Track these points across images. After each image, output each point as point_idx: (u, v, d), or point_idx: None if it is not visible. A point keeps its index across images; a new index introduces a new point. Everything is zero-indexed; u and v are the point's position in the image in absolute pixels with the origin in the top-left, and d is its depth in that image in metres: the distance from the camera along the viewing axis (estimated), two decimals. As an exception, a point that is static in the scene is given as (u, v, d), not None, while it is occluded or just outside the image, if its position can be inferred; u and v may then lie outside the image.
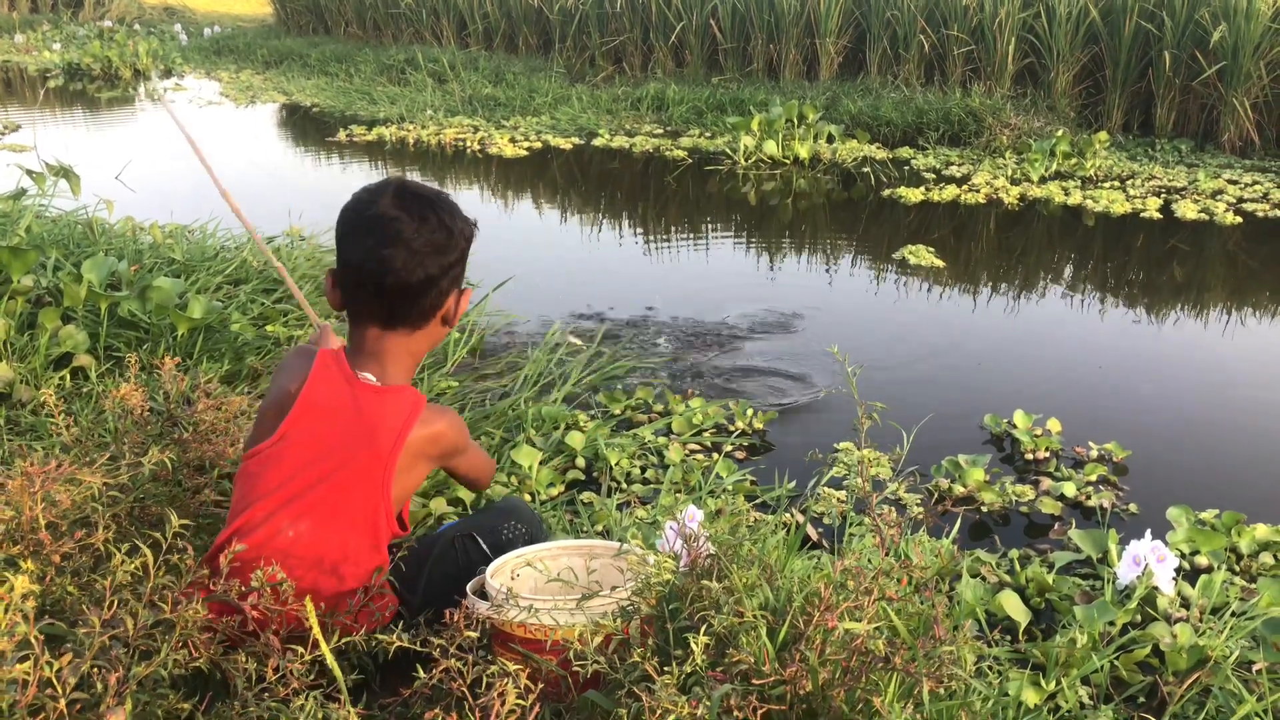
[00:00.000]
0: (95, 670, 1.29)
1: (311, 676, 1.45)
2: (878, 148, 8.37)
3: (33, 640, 1.24)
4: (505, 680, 1.26)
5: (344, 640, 1.42)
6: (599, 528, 2.57)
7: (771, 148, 7.94)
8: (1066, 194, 6.77)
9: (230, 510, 1.73)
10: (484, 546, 1.80)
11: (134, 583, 1.51)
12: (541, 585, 1.79)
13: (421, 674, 1.35)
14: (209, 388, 3.04)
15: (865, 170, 7.63)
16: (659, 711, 1.28)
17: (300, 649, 1.40)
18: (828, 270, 5.32)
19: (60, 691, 1.24)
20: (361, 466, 1.69)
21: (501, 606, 1.60)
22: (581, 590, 1.64)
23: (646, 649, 1.42)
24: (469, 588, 1.71)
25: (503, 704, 1.20)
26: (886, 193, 6.88)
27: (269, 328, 3.74)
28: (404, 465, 1.73)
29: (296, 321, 3.93)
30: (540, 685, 1.50)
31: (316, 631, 1.12)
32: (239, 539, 1.61)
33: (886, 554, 1.69)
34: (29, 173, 4.63)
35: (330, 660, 1.12)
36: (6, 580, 1.34)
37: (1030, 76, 9.09)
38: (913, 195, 6.72)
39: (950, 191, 6.80)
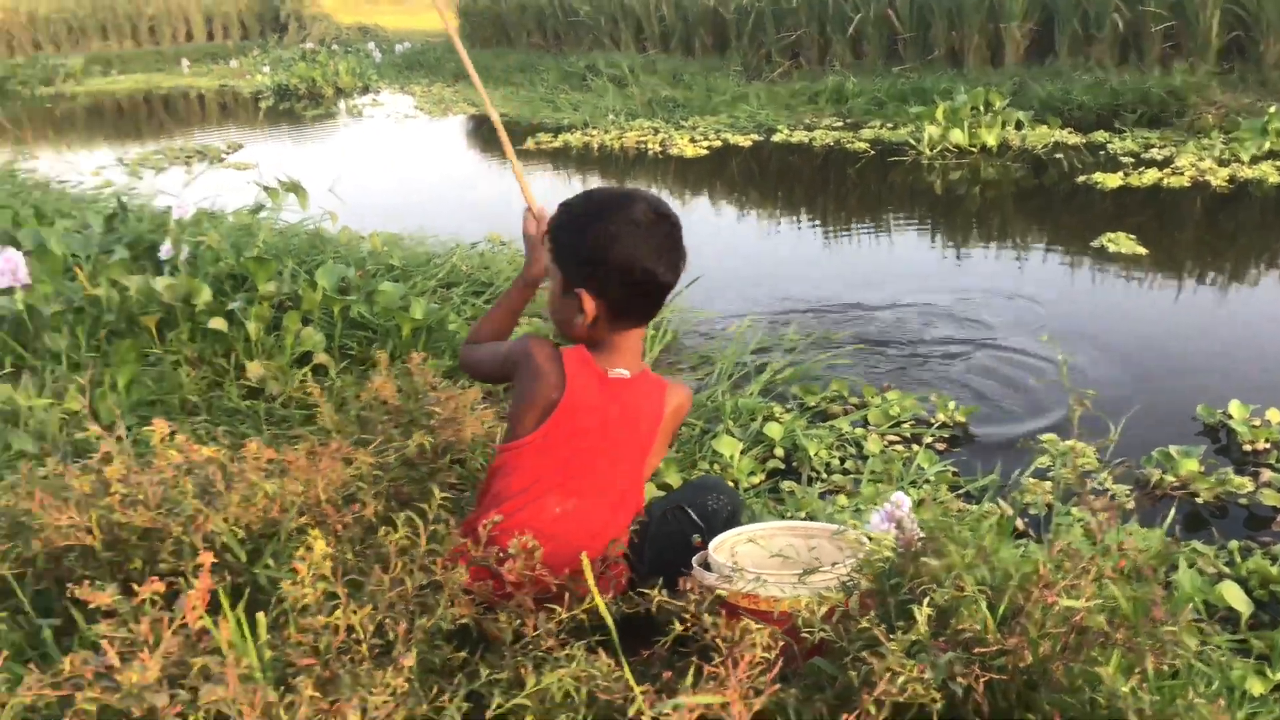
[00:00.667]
0: (387, 621, 1.49)
1: (562, 636, 1.61)
2: (1069, 133, 8.10)
3: (340, 592, 1.45)
4: (751, 634, 1.38)
5: (593, 604, 1.57)
6: (803, 514, 2.65)
7: (957, 136, 7.81)
8: (1281, 173, 6.40)
9: (488, 493, 1.91)
10: (694, 516, 1.91)
11: (406, 550, 1.71)
12: (762, 561, 1.91)
13: (673, 628, 1.49)
14: (435, 382, 3.33)
15: (1057, 156, 7.42)
16: (887, 674, 1.37)
17: (557, 608, 1.56)
18: (1020, 260, 5.23)
19: (362, 636, 1.44)
20: (625, 450, 1.87)
21: (729, 578, 1.72)
22: (802, 566, 1.74)
23: (872, 618, 1.52)
24: (694, 561, 1.85)
25: (752, 653, 1.33)
26: (1081, 179, 6.68)
27: (480, 327, 4.00)
28: (660, 443, 1.90)
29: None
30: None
31: (592, 587, 1.27)
32: (505, 512, 1.80)
33: (1101, 538, 1.72)
34: (265, 189, 5.08)
35: (604, 610, 1.27)
36: (306, 545, 1.56)
37: (1237, 50, 8.60)
38: (1110, 181, 6.50)
39: (1151, 175, 6.54)
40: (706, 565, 1.87)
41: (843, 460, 3.08)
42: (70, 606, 1.71)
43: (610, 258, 1.85)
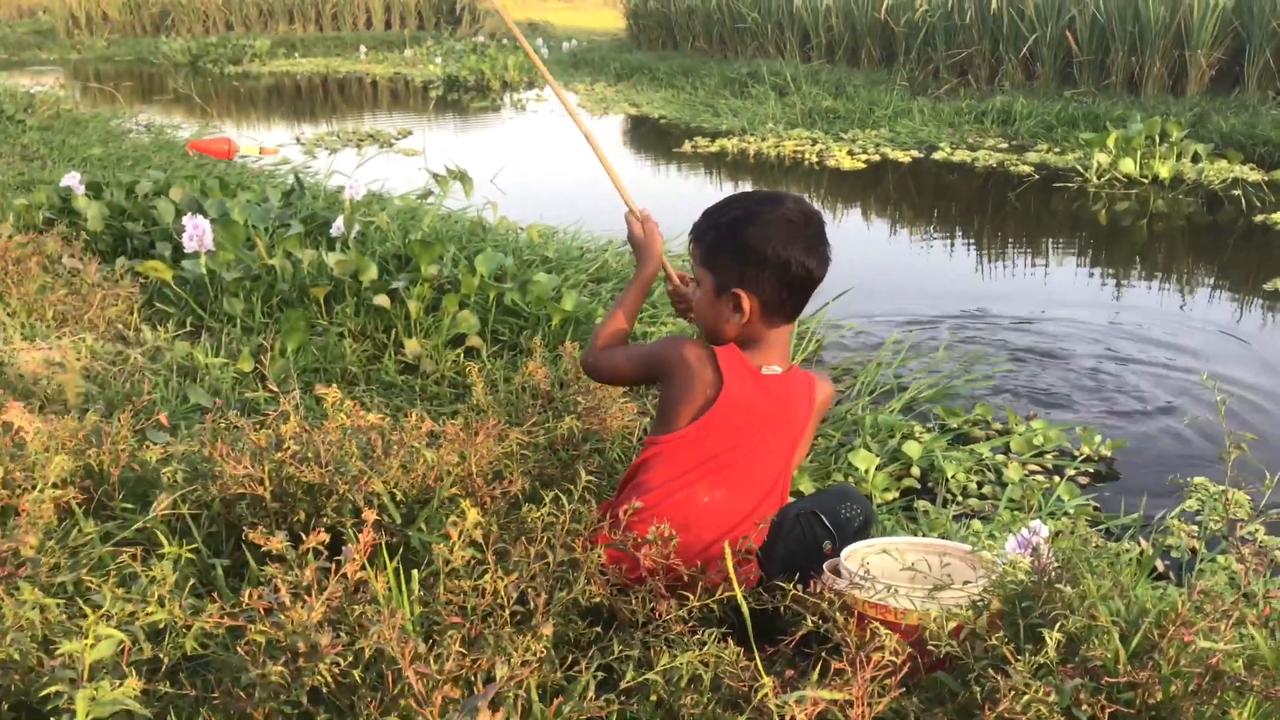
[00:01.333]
0: (529, 590, 1.59)
1: (691, 623, 1.68)
2: (1252, 169, 7.72)
3: (489, 559, 1.55)
4: (877, 639, 1.42)
5: (725, 595, 1.63)
6: (936, 535, 2.65)
7: (1128, 165, 7.55)
8: None
9: (633, 481, 2.00)
10: (826, 523, 1.93)
11: (549, 526, 1.81)
12: (893, 573, 1.93)
13: (804, 624, 1.54)
14: (578, 373, 3.45)
15: (1235, 193, 7.08)
16: (1013, 693, 1.39)
17: (689, 595, 1.63)
18: (1184, 298, 5.04)
19: (506, 601, 1.54)
20: (779, 442, 1.96)
21: (861, 585, 1.75)
22: (933, 583, 1.76)
23: (1000, 639, 1.53)
24: (825, 567, 1.89)
25: (879, 656, 1.37)
26: (1260, 218, 6.37)
27: (626, 323, 4.11)
28: (808, 433, 2.01)
29: (649, 319, 4.28)
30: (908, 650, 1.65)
31: (731, 575, 1.33)
32: (649, 502, 1.88)
33: (1249, 581, 1.68)
34: (434, 176, 5.32)
35: (740, 599, 1.33)
36: (461, 511, 1.67)
37: None
38: (1291, 221, 6.19)
39: (1339, 219, 6.20)
40: (837, 573, 1.90)
41: (980, 485, 3.06)
42: (243, 548, 1.87)
43: (769, 255, 1.95)
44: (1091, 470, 3.18)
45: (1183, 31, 9.53)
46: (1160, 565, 2.62)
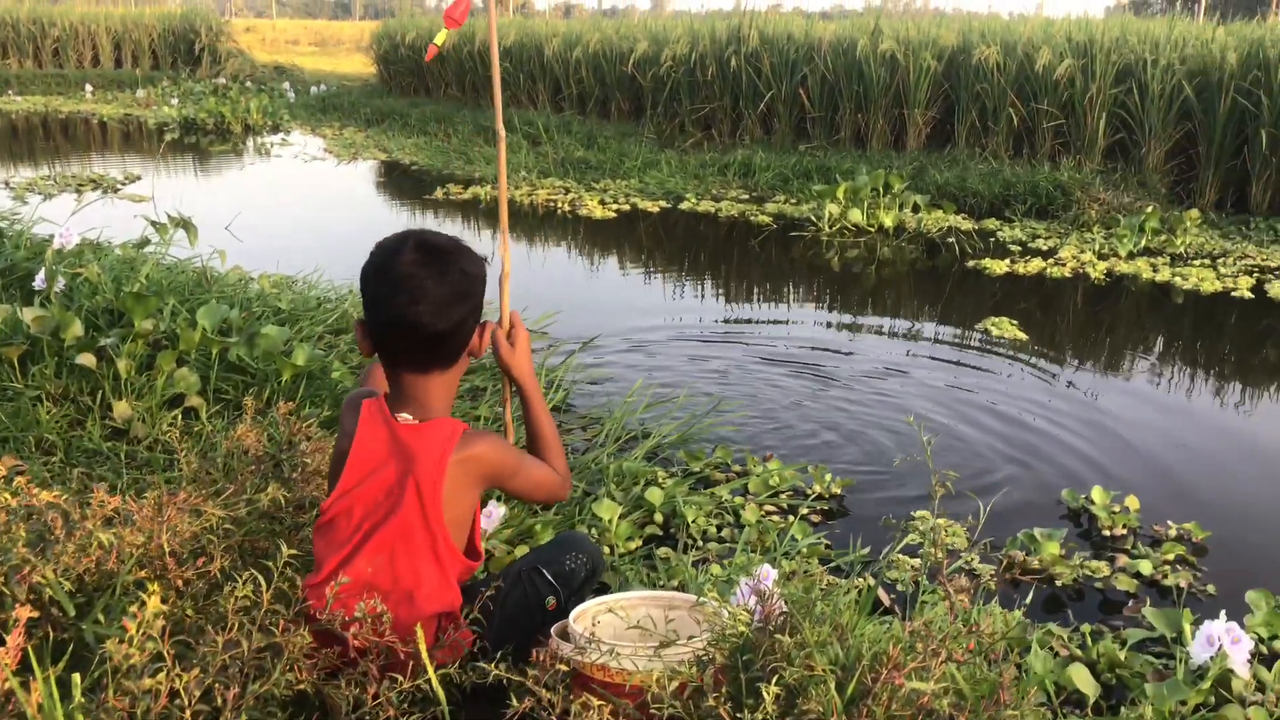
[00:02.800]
0: (216, 685, 1.42)
1: (405, 705, 1.55)
2: (963, 218, 8.40)
3: (166, 654, 1.37)
4: (590, 713, 1.35)
5: (439, 670, 1.52)
6: (675, 582, 2.64)
7: (856, 215, 8.03)
8: (1155, 270, 6.72)
9: (316, 558, 1.85)
10: (548, 577, 1.86)
11: (247, 609, 1.64)
12: (621, 632, 1.88)
13: (514, 703, 1.45)
14: (310, 431, 3.23)
15: (950, 240, 7.66)
16: (730, 754, 1.35)
17: (399, 676, 1.50)
18: (909, 339, 5.36)
19: (186, 702, 1.37)
20: (412, 499, 1.79)
21: (584, 649, 1.69)
22: (660, 638, 1.72)
23: (721, 695, 1.50)
24: (553, 630, 1.81)
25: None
26: (971, 263, 6.91)
27: (366, 376, 3.92)
28: (451, 491, 1.81)
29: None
30: (618, 725, 1.59)
31: (425, 655, 1.22)
32: (349, 578, 1.74)
33: (955, 619, 1.74)
34: (153, 223, 4.93)
35: (435, 682, 1.22)
36: (140, 600, 1.48)
37: (1121, 151, 9.06)
38: (997, 267, 6.74)
39: (1036, 264, 6.80)
40: (566, 636, 1.83)
41: (720, 528, 3.09)
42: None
43: (367, 294, 1.84)
44: (823, 509, 3.28)
45: (901, 91, 10.29)
46: (887, 599, 2.70)
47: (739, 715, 1.45)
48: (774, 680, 1.46)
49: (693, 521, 3.05)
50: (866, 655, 1.62)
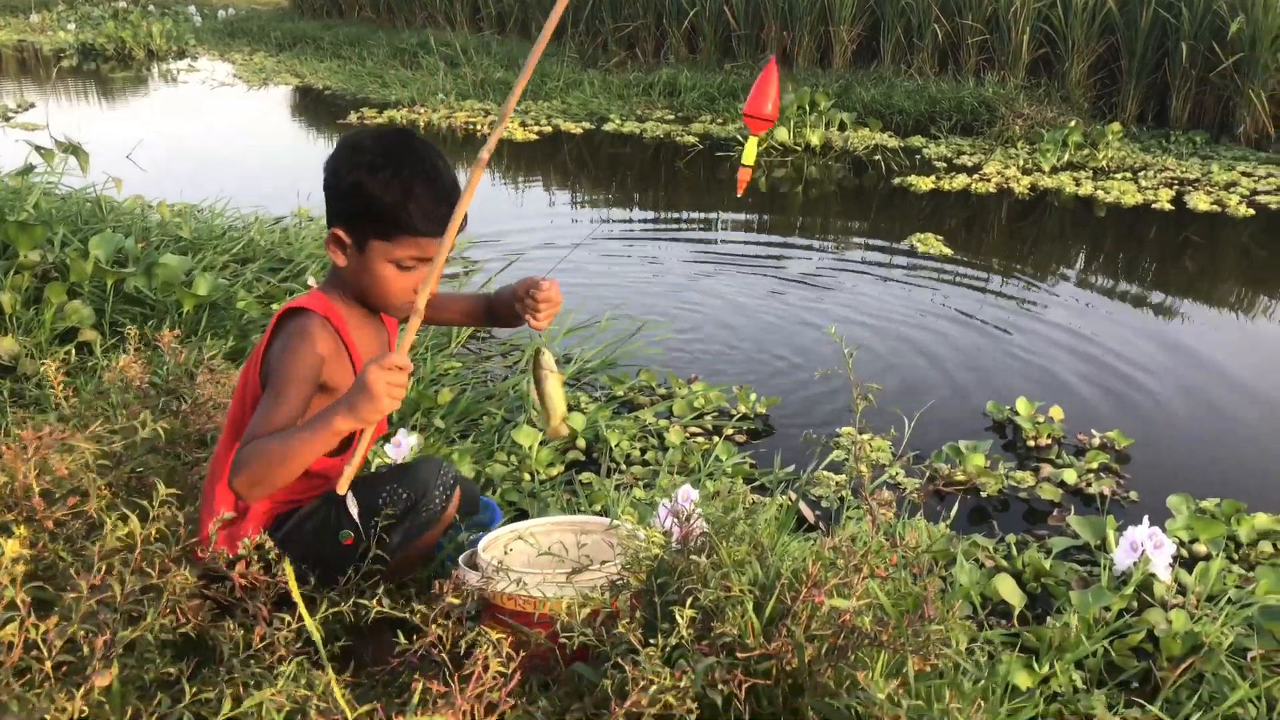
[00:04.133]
0: (83, 634, 1.30)
1: (299, 644, 1.45)
2: (890, 136, 8.34)
3: (19, 603, 1.25)
4: (486, 648, 1.26)
5: (331, 611, 1.42)
6: (597, 508, 2.57)
7: (783, 134, 7.91)
8: (1078, 184, 6.73)
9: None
10: (351, 511, 1.69)
11: (125, 549, 1.52)
12: (533, 560, 1.79)
13: (402, 641, 1.35)
14: (212, 364, 3.07)
15: (877, 158, 7.60)
16: (642, 682, 1.28)
17: (288, 617, 1.40)
18: (836, 257, 5.30)
19: (46, 654, 1.25)
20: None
21: (491, 578, 1.60)
22: (571, 564, 1.64)
23: (634, 622, 1.42)
24: (460, 559, 1.72)
25: (485, 670, 1.20)
26: (897, 180, 6.85)
27: (274, 306, 3.75)
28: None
29: (302, 300, 3.94)
30: (523, 655, 1.51)
31: (296, 594, 1.11)
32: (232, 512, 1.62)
33: (877, 533, 1.68)
34: (38, 149, 4.64)
35: (310, 624, 1.12)
36: (-2, 544, 1.35)
37: (1045, 67, 9.03)
38: (924, 184, 6.69)
39: (961, 180, 6.77)
40: (476, 566, 1.74)
41: (644, 452, 3.02)
42: None
43: (385, 175, 1.66)
44: (748, 428, 3.22)
45: (826, 8, 10.12)
46: (811, 515, 2.66)
47: (652, 641, 1.37)
48: (688, 603, 1.38)
49: (616, 446, 2.98)
50: (786, 574, 1.55)
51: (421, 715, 1.10)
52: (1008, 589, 2.28)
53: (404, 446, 2.46)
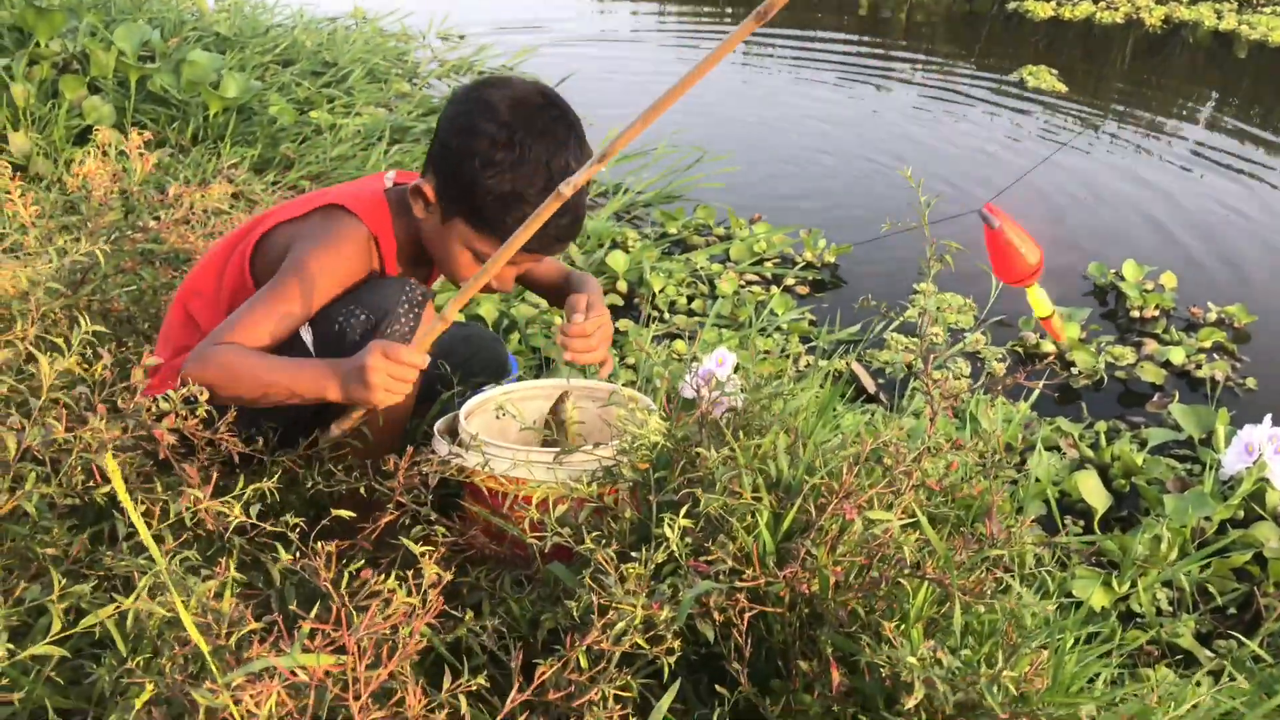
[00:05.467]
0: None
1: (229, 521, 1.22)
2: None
3: None
4: (427, 555, 1.01)
5: (252, 488, 1.18)
6: (629, 361, 2.31)
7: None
8: (1219, 17, 5.98)
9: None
10: (304, 337, 1.42)
11: (42, 394, 1.28)
12: (525, 432, 1.54)
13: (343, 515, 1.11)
14: (233, 173, 2.82)
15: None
16: (609, 612, 1.02)
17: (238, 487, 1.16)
18: (936, 87, 4.79)
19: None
20: None
21: (456, 453, 1.34)
22: (563, 443, 1.37)
23: (613, 528, 1.16)
24: (436, 427, 1.46)
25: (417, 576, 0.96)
26: (1012, 5, 6.18)
27: (312, 114, 3.47)
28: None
29: (344, 109, 3.65)
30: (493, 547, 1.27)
31: (117, 480, 0.85)
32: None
33: (934, 426, 1.38)
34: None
35: (136, 520, 0.87)
36: None
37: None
38: (1042, 9, 6.04)
39: (1084, 9, 6.08)
40: (455, 434, 1.48)
41: (690, 300, 2.75)
42: None
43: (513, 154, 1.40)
44: (813, 279, 2.93)
45: None
46: (872, 385, 2.36)
47: (633, 555, 1.11)
48: (683, 511, 1.11)
49: (660, 291, 2.72)
50: (820, 471, 1.27)
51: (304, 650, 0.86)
52: (1090, 487, 1.97)
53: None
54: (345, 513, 1.10)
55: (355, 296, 1.40)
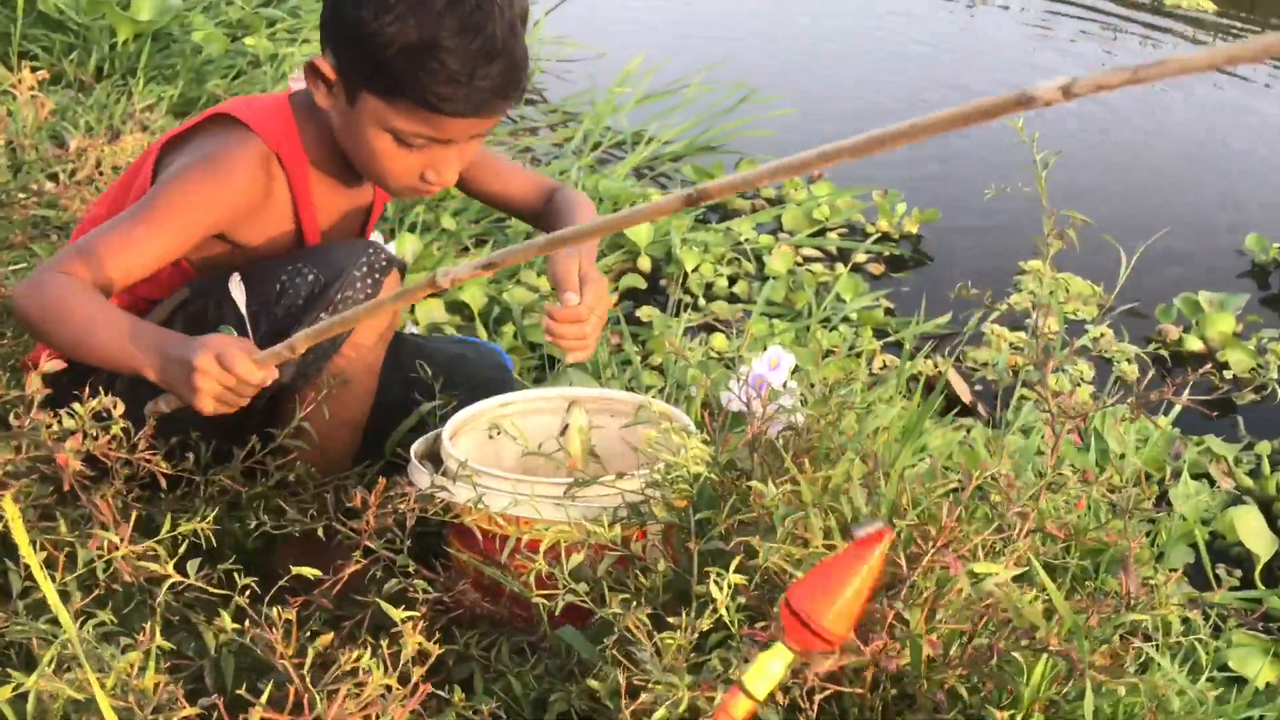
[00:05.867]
0: None
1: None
2: None
3: None
4: (408, 623, 1.01)
5: (177, 532, 1.18)
6: (655, 361, 2.36)
7: None
8: None
9: None
10: (238, 303, 1.44)
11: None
12: (522, 455, 1.54)
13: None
14: (148, 118, 2.85)
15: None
16: (640, 694, 1.02)
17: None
18: (1050, 11, 4.82)
19: None
20: None
21: (439, 484, 1.35)
22: (574, 471, 1.38)
23: (643, 584, 1.16)
24: (413, 450, 1.47)
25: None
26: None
27: (247, 41, 3.51)
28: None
29: (287, 34, 3.68)
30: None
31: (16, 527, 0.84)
32: None
33: (1056, 454, 1.38)
34: None
35: (39, 574, 0.85)
36: None
37: None
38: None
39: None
40: (437, 459, 1.49)
41: (732, 282, 2.81)
42: None
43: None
44: (890, 255, 2.98)
45: None
46: (967, 394, 2.39)
47: (670, 619, 1.11)
48: (733, 565, 1.11)
49: (693, 270, 2.77)
50: (910, 511, 1.27)
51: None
52: (1250, 527, 2.00)
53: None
54: (308, 571, 1.11)
55: (305, 252, 1.41)
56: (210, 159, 1.42)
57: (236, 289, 1.40)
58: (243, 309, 1.40)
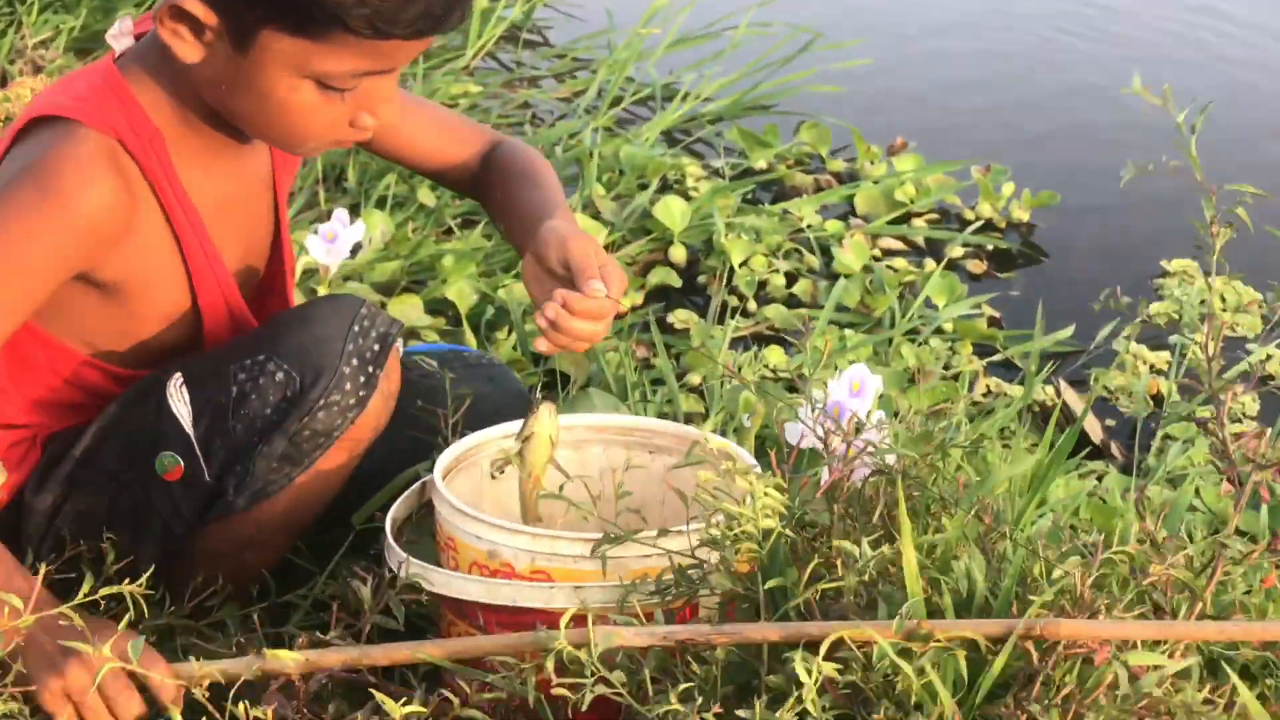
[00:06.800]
0: None
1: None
2: None
3: None
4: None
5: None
6: (693, 380, 2.40)
7: None
8: None
9: None
10: (176, 412, 1.46)
11: None
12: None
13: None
14: (43, 56, 2.89)
15: None
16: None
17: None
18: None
19: None
20: None
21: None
22: (603, 528, 1.42)
23: (696, 672, 1.16)
24: (391, 516, 1.54)
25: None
26: None
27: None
28: None
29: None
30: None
31: None
32: None
33: (1237, 517, 1.39)
34: None
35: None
36: None
37: None
38: None
39: None
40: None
41: (791, 279, 2.85)
42: None
43: None
44: (993, 247, 3.02)
45: None
46: (1098, 431, 2.40)
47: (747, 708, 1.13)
48: (822, 650, 1.12)
49: (742, 264, 2.81)
50: (1043, 585, 1.28)
51: None
52: None
53: (343, 240, 2.25)
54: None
55: (265, 337, 1.41)
56: (32, 171, 1.39)
57: (177, 400, 1.40)
58: (188, 428, 1.40)
